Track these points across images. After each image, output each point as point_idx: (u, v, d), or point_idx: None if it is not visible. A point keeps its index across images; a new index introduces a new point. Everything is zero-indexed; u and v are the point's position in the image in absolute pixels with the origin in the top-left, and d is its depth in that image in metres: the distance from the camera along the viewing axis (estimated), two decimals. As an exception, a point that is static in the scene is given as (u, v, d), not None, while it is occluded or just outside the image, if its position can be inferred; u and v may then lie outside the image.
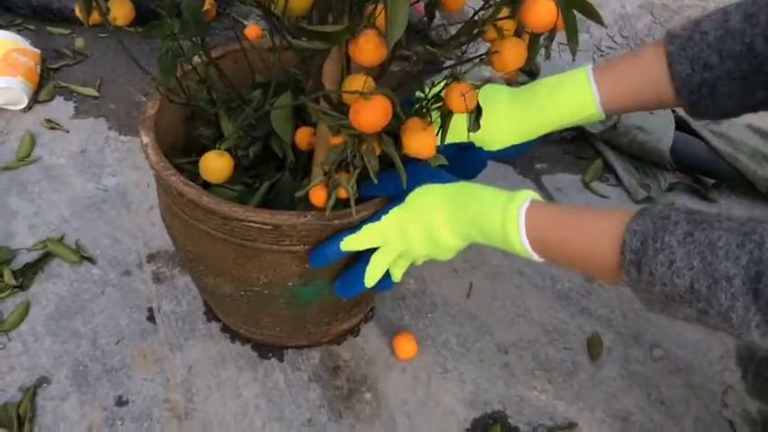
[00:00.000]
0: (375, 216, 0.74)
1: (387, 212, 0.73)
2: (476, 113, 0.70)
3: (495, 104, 0.81)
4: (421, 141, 0.67)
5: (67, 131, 1.18)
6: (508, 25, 0.66)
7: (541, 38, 0.66)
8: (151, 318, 0.94)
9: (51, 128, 1.17)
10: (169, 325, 0.93)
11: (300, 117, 0.83)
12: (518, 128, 0.81)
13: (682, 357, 0.98)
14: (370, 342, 0.95)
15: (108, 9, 0.69)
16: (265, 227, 0.72)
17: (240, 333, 0.93)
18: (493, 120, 0.80)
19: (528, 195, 0.69)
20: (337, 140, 0.70)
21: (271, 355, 0.92)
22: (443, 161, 0.72)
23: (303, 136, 0.80)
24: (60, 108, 1.21)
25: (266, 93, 0.83)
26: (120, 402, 0.85)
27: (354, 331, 0.96)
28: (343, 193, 0.72)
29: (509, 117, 0.81)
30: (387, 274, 0.76)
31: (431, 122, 0.69)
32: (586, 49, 1.49)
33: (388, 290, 0.78)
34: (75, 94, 1.23)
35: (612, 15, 1.56)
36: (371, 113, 0.63)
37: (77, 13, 0.66)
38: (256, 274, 0.78)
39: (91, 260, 0.99)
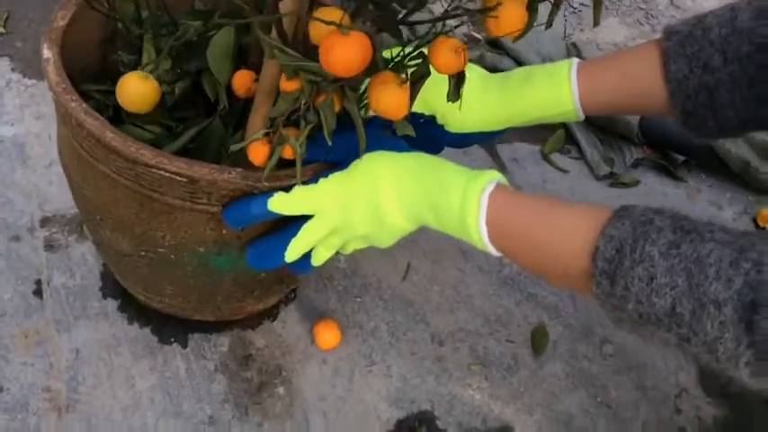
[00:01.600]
0: (312, 179, 0.62)
1: (327, 176, 0.62)
2: (457, 79, 0.59)
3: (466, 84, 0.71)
4: (393, 99, 0.56)
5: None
6: None
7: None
8: (38, 292, 0.82)
9: (-56, 64, 1.03)
10: (58, 300, 0.82)
11: (242, 59, 0.71)
12: (486, 115, 0.72)
13: (634, 355, 0.89)
14: (288, 328, 0.85)
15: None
16: (179, 178, 0.60)
17: (139, 309, 0.81)
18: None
19: (494, 176, 0.59)
20: (291, 86, 0.58)
21: (173, 340, 0.81)
22: (410, 131, 0.61)
23: (242, 80, 0.68)
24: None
25: (207, 25, 0.70)
26: (-7, 390, 0.74)
27: (272, 314, 0.85)
28: (288, 152, 0.60)
29: (478, 101, 0.71)
30: (307, 254, 0.65)
31: (406, 80, 0.58)
32: (557, 5, 1.37)
33: (304, 273, 0.67)
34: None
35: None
36: (348, 51, 0.52)
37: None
38: (162, 233, 0.66)
39: (-26, 222, 0.86)
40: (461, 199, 0.57)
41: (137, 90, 0.63)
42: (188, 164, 0.59)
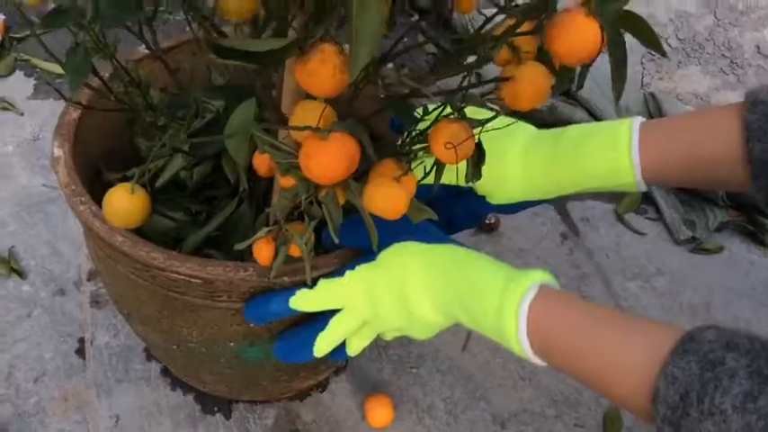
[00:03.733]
0: (338, 271, 0.57)
1: (353, 268, 0.57)
2: (476, 159, 0.52)
3: (506, 149, 0.62)
4: (387, 198, 0.50)
5: (21, 114, 1.02)
6: (528, 45, 0.49)
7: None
8: (81, 351, 0.79)
9: (3, 108, 1.02)
10: (101, 361, 0.78)
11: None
12: (532, 184, 0.63)
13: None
14: (338, 401, 0.79)
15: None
16: (194, 280, 0.56)
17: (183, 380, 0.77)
18: (501, 169, 0.62)
19: (536, 278, 0.51)
20: (288, 183, 0.53)
21: (216, 409, 0.76)
22: (431, 215, 0.55)
23: (263, 160, 0.63)
24: (18, 86, 1.05)
25: (230, 101, 0.66)
26: (28, 458, 0.71)
27: (321, 385, 0.80)
28: (295, 251, 0.55)
29: (522, 169, 0.62)
30: (341, 344, 0.60)
31: (409, 169, 0.52)
32: (634, 51, 1.29)
33: (340, 360, 0.62)
34: (37, 70, 1.07)
35: (668, 12, 1.35)
36: (327, 160, 0.46)
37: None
38: (188, 330, 0.62)
39: (20, 274, 0.84)
40: (498, 309, 0.50)
41: (121, 206, 0.55)
42: (200, 264, 0.55)
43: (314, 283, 0.57)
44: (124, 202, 0.54)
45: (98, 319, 0.81)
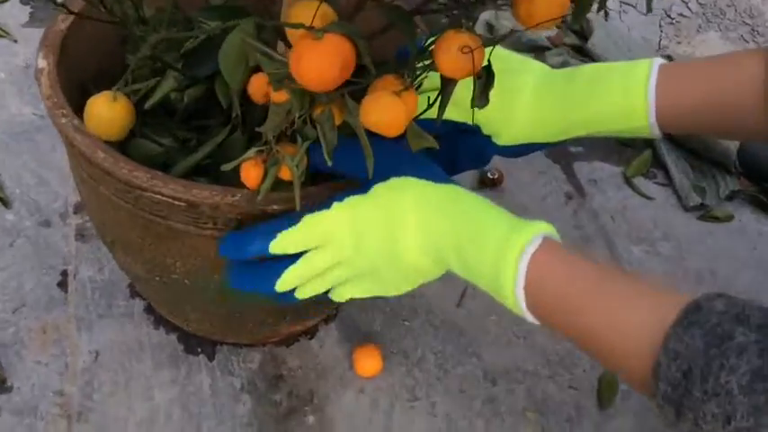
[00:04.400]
0: (325, 203, 0.54)
1: (341, 200, 0.53)
2: (485, 82, 0.49)
3: (517, 86, 0.59)
4: (385, 110, 0.46)
5: (15, 41, 0.99)
6: None
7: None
8: (63, 284, 0.76)
9: (-4, 34, 0.98)
10: (83, 295, 0.76)
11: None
12: (541, 124, 0.59)
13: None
14: (326, 348, 0.76)
15: None
16: (178, 203, 0.53)
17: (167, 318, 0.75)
18: (510, 107, 0.59)
19: (540, 229, 0.48)
20: (281, 97, 0.50)
21: (200, 350, 0.74)
22: (431, 143, 0.52)
23: (259, 84, 0.59)
24: (13, 12, 1.01)
25: (227, 21, 0.62)
26: (2, 388, 0.68)
27: (309, 332, 0.77)
28: (285, 173, 0.52)
29: (532, 107, 0.59)
30: None
31: (411, 84, 0.48)
32: (654, 13, 1.25)
33: (287, 303, 0.57)
34: (33, -4, 1.04)
35: (691, -24, 1.30)
36: (318, 61, 0.43)
37: None
38: (171, 260, 0.59)
39: (5, 202, 0.81)
40: (496, 257, 0.47)
41: (100, 114, 0.52)
42: (185, 186, 0.52)
43: (298, 215, 0.53)
44: (105, 108, 0.51)
45: (82, 253, 0.79)
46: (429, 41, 0.48)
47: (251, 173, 0.52)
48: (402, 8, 0.47)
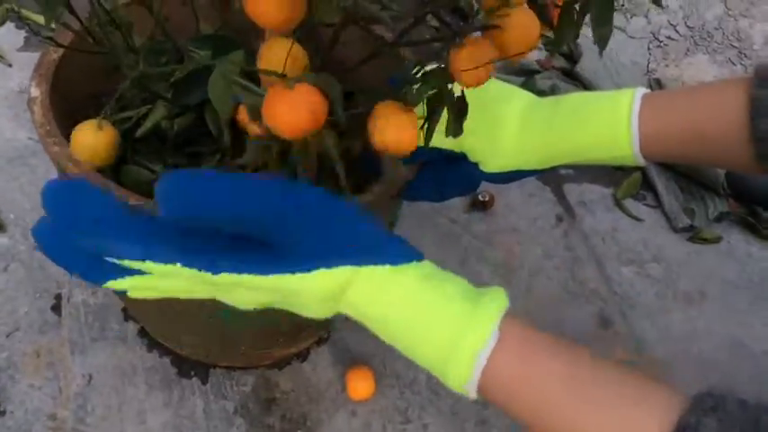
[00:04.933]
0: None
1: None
2: (457, 112, 0.49)
3: (503, 115, 0.59)
4: (402, 129, 0.47)
5: (10, 65, 1.00)
6: None
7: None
8: (57, 308, 0.77)
9: (-8, 58, 0.99)
10: (77, 319, 0.76)
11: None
12: (526, 153, 0.59)
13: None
14: (318, 371, 0.77)
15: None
16: None
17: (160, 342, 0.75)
18: (495, 135, 0.59)
19: (496, 315, 0.44)
20: (257, 130, 0.51)
21: (193, 373, 0.74)
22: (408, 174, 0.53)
23: (247, 112, 0.61)
24: (8, 37, 1.02)
25: (217, 51, 0.63)
26: (-5, 412, 0.69)
27: (302, 355, 0.78)
28: None
29: (518, 136, 0.59)
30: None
31: (412, 108, 0.49)
32: (641, 36, 1.26)
33: (89, 282, 0.47)
34: (29, 22, 1.05)
35: None
36: (288, 112, 0.43)
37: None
38: (164, 284, 0.60)
39: (0, 226, 0.81)
40: (445, 356, 0.44)
41: (85, 142, 0.53)
42: None
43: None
44: (89, 136, 0.52)
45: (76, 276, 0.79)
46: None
47: None
48: (384, 39, 0.48)
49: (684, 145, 0.57)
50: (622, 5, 1.28)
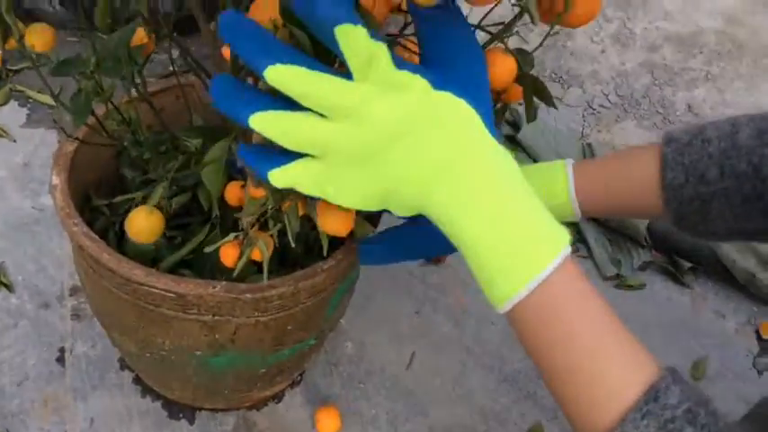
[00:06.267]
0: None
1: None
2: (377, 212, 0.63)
3: None
4: (339, 215, 0.58)
5: (14, 141, 1.11)
6: None
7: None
8: (61, 359, 0.87)
9: (-3, 135, 1.11)
10: (78, 369, 0.87)
11: (237, 170, 0.76)
12: None
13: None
14: (291, 411, 0.88)
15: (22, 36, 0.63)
16: (169, 294, 0.66)
17: (153, 388, 0.86)
18: None
19: (562, 246, 0.50)
20: (258, 193, 0.63)
21: (181, 415, 0.85)
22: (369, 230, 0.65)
23: (233, 191, 0.73)
24: (12, 114, 1.15)
25: (207, 140, 0.76)
26: (9, 453, 0.79)
27: (277, 396, 0.89)
28: (257, 255, 0.65)
29: None
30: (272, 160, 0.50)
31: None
32: (577, 105, 1.42)
33: (253, 172, 0.52)
34: (30, 101, 1.17)
35: (610, 71, 1.49)
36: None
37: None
38: (161, 339, 0.71)
39: (9, 287, 0.92)
40: (512, 260, 0.48)
41: (141, 225, 0.66)
42: (175, 281, 0.65)
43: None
44: (144, 221, 0.65)
45: (78, 331, 0.90)
46: None
47: (229, 253, 0.64)
48: None
49: (610, 203, 0.70)
50: (560, 78, 1.44)
